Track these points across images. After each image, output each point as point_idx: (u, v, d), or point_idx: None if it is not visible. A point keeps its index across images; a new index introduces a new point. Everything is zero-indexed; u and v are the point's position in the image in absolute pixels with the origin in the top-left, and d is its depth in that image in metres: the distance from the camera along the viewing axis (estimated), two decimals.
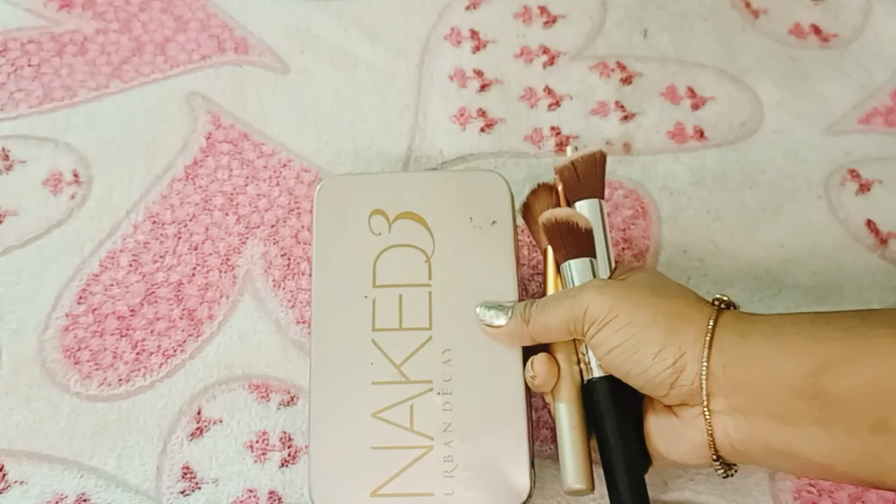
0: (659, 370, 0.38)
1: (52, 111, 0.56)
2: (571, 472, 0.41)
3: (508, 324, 0.42)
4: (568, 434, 0.41)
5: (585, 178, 0.45)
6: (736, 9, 0.62)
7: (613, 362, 0.39)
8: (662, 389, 0.38)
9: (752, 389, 0.36)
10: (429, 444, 0.42)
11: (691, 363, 0.37)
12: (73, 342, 0.48)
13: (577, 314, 0.40)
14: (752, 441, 0.37)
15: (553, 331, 0.41)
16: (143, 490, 0.44)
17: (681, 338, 0.38)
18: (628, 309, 0.39)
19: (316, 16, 0.60)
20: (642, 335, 0.38)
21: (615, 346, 0.39)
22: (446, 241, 0.46)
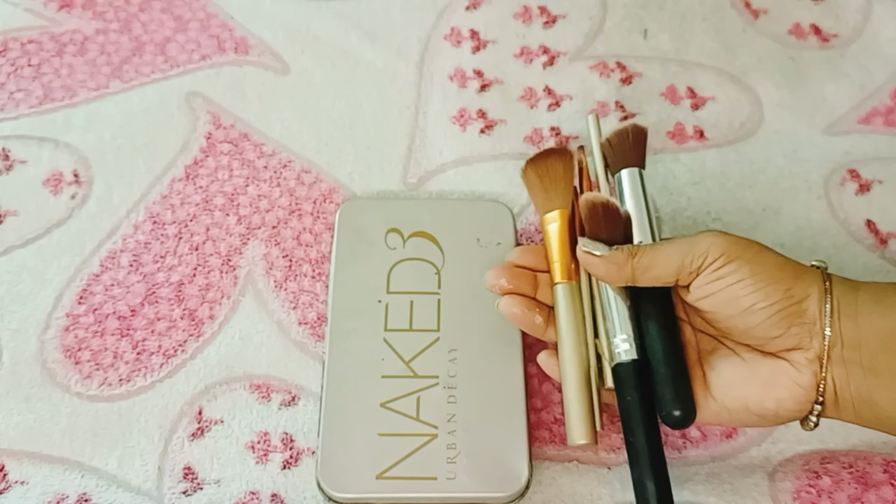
0: (785, 306, 0.39)
1: (52, 111, 0.56)
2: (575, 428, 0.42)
3: (612, 254, 0.42)
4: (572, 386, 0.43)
5: (621, 150, 0.47)
6: (736, 9, 0.62)
7: (732, 299, 0.39)
8: (779, 329, 0.39)
9: (871, 345, 0.38)
10: (433, 432, 0.44)
11: (813, 305, 0.39)
12: (73, 342, 0.48)
13: (697, 250, 0.40)
14: (849, 390, 0.39)
15: (659, 270, 0.41)
16: (144, 490, 0.45)
17: (805, 282, 0.39)
18: (755, 249, 0.40)
19: (316, 16, 0.60)
20: (773, 273, 0.39)
21: (741, 280, 0.39)
22: (455, 257, 0.50)
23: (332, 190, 0.53)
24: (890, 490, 0.45)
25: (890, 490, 0.45)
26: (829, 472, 0.45)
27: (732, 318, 0.40)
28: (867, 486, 0.45)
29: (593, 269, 0.43)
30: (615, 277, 0.43)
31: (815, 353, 0.39)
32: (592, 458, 0.46)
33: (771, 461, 0.46)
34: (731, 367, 0.41)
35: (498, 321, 0.47)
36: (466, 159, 0.55)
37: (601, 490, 0.45)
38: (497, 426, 0.44)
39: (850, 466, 0.46)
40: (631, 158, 0.47)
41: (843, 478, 0.45)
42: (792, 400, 0.40)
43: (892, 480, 0.45)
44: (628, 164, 0.47)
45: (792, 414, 0.40)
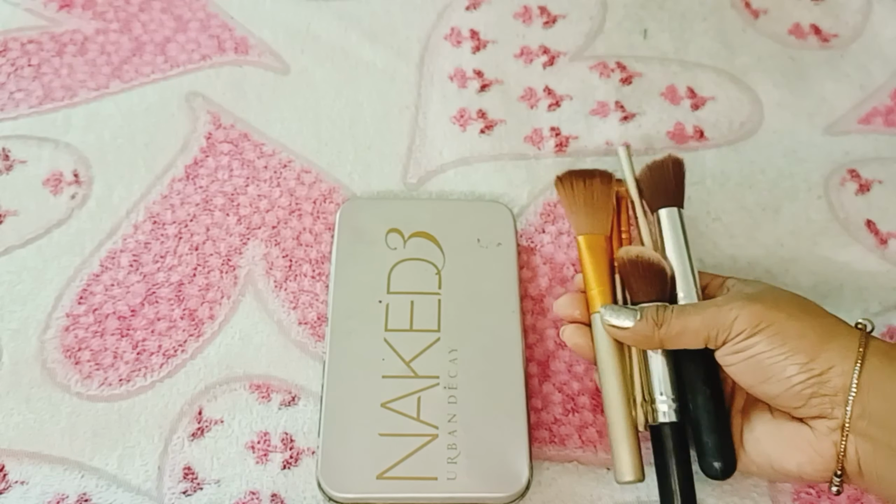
0: (802, 379, 0.39)
1: (52, 111, 0.56)
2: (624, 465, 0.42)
3: (637, 325, 0.42)
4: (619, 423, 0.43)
5: (660, 186, 0.46)
6: (736, 9, 0.62)
7: (754, 370, 0.40)
8: (799, 400, 0.39)
9: (887, 418, 0.38)
10: (434, 432, 0.44)
11: (837, 377, 0.38)
12: (73, 342, 0.48)
13: (723, 322, 0.40)
14: (872, 464, 0.38)
15: (688, 336, 0.41)
16: (144, 490, 0.44)
17: (831, 352, 0.39)
18: (780, 319, 0.39)
19: (316, 16, 0.60)
20: (793, 344, 0.39)
21: (761, 353, 0.39)
22: (456, 257, 0.50)
23: (332, 190, 0.53)
24: None
25: None
26: None
27: (754, 387, 0.40)
28: None
29: (617, 337, 0.44)
30: (643, 346, 0.43)
31: (838, 423, 0.39)
32: (592, 458, 0.46)
33: None
34: (762, 424, 0.41)
35: (498, 321, 0.47)
36: (466, 159, 0.55)
37: (601, 490, 0.45)
38: (497, 426, 0.44)
39: None
40: (670, 195, 0.46)
41: None
42: (810, 465, 0.40)
43: None
44: (667, 202, 0.46)
45: (813, 478, 0.40)
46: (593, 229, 0.47)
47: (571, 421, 0.47)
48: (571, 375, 0.48)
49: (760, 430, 0.41)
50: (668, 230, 0.46)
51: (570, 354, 0.49)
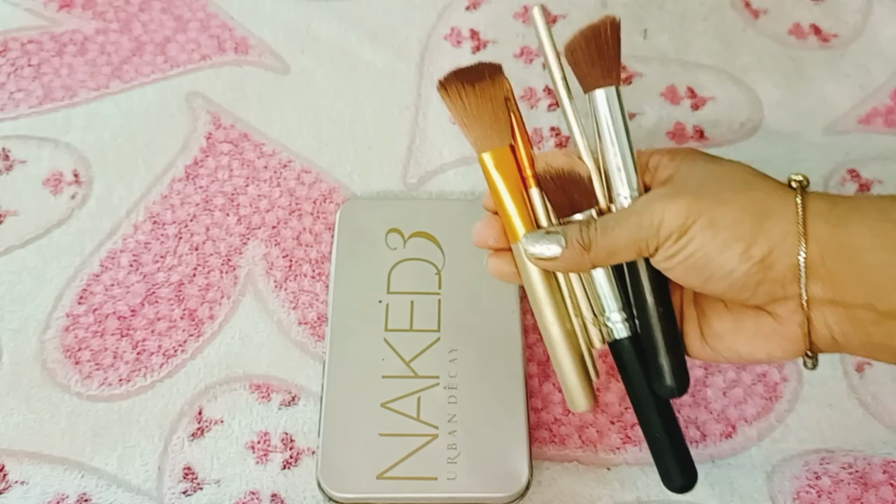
0: (745, 269, 0.36)
1: (52, 111, 0.56)
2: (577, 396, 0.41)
3: (565, 253, 0.38)
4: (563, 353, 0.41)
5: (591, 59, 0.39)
6: (736, 9, 0.62)
7: (693, 271, 0.37)
8: (747, 291, 0.36)
9: (856, 283, 0.35)
10: (434, 432, 0.44)
11: (782, 258, 0.35)
12: (73, 342, 0.48)
13: (649, 230, 0.37)
14: (853, 335, 0.36)
15: (619, 254, 0.38)
16: (144, 490, 0.45)
17: (769, 232, 0.35)
18: (707, 209, 0.36)
19: (316, 16, 0.60)
20: (726, 234, 0.36)
21: (695, 252, 0.36)
22: (456, 257, 0.50)
23: (332, 190, 0.53)
24: (889, 490, 0.45)
25: (889, 490, 0.45)
26: (828, 472, 0.45)
27: (698, 287, 0.38)
28: (867, 486, 0.45)
29: (546, 268, 0.40)
30: (574, 270, 0.40)
31: (796, 304, 0.36)
32: (592, 458, 0.46)
33: (770, 461, 0.46)
34: (719, 319, 0.39)
35: (498, 321, 0.48)
36: (466, 159, 0.55)
37: (601, 490, 0.45)
38: (497, 426, 0.45)
39: (849, 467, 0.46)
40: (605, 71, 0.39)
41: (843, 478, 0.45)
42: (780, 351, 0.37)
43: (891, 481, 0.45)
44: (603, 79, 0.39)
45: (785, 360, 0.38)
46: (497, 142, 0.40)
47: (571, 421, 0.47)
48: None
49: (719, 326, 0.39)
50: (606, 118, 0.39)
51: None
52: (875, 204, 0.36)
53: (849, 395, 0.48)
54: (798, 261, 0.35)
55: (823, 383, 0.48)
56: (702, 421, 0.47)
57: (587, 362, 0.41)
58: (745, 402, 0.47)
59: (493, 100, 0.40)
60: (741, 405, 0.47)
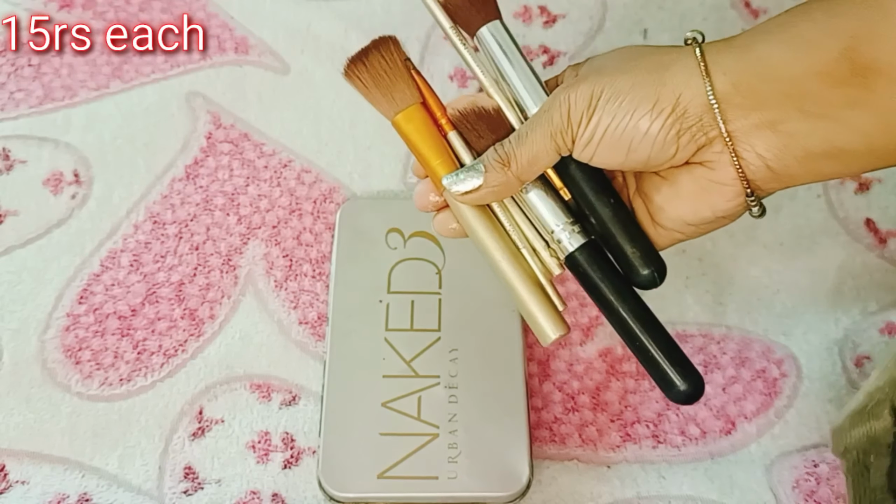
0: (659, 126, 0.35)
1: (52, 111, 0.56)
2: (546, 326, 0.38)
3: (487, 177, 0.37)
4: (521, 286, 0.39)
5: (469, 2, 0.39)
6: (736, 9, 0.62)
7: (611, 146, 0.36)
8: (670, 148, 0.35)
9: (776, 95, 0.34)
10: (434, 431, 0.44)
11: (692, 101, 0.34)
12: (73, 342, 0.48)
13: (560, 120, 0.36)
14: (787, 152, 0.34)
15: (541, 156, 0.37)
16: (144, 490, 0.45)
17: (671, 82, 0.35)
18: (607, 82, 0.35)
19: (316, 16, 0.60)
20: (630, 97, 0.35)
21: (608, 127, 0.35)
22: (456, 257, 0.50)
23: (332, 190, 0.53)
24: None
25: None
26: (825, 460, 0.46)
27: (626, 164, 0.37)
28: None
29: (479, 201, 0.39)
30: (506, 194, 0.38)
31: (721, 142, 0.35)
32: (592, 457, 0.46)
33: (770, 455, 0.46)
34: (657, 192, 0.38)
35: (498, 321, 0.47)
36: None
37: (601, 488, 0.45)
38: (498, 426, 0.45)
39: None
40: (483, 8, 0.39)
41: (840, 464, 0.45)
42: (722, 200, 0.36)
43: None
44: (484, 17, 0.39)
45: (733, 213, 0.37)
46: (403, 103, 0.40)
47: (571, 420, 0.47)
48: (571, 374, 0.48)
49: (659, 199, 0.38)
50: (499, 50, 0.39)
51: (570, 354, 0.49)
52: (773, 20, 0.35)
53: (848, 389, 0.48)
54: (708, 97, 0.34)
55: (822, 379, 0.48)
56: (701, 418, 0.47)
57: (549, 292, 0.39)
58: (744, 398, 0.47)
59: (389, 68, 0.41)
60: (740, 402, 0.47)
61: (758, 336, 0.50)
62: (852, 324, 0.50)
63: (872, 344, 0.49)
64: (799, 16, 0.35)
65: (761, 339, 0.50)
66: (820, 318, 0.51)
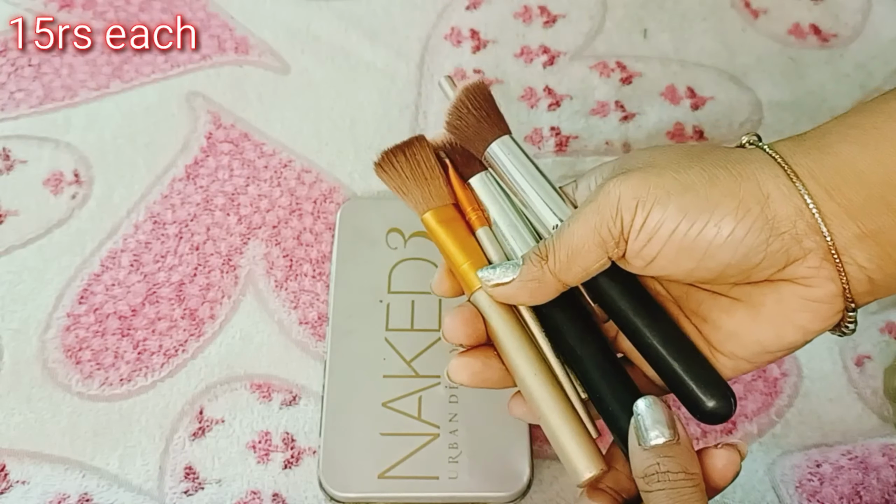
0: (746, 229, 0.30)
1: (52, 111, 0.56)
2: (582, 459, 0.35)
3: (523, 271, 0.33)
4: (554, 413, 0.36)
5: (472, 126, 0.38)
6: (736, 9, 0.62)
7: (682, 251, 0.31)
8: (755, 256, 0.30)
9: (872, 202, 0.30)
10: (435, 431, 0.44)
11: (781, 204, 0.30)
12: (74, 342, 0.48)
13: (607, 212, 0.31)
14: (890, 262, 0.31)
15: (582, 252, 0.32)
16: (145, 490, 0.45)
17: (753, 180, 0.30)
18: (671, 175, 0.31)
19: (316, 16, 0.60)
20: (706, 193, 0.30)
21: (676, 225, 0.30)
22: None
23: (332, 190, 0.53)
24: (891, 472, 0.45)
25: (891, 472, 0.45)
26: (828, 459, 0.46)
27: (694, 272, 0.32)
28: (867, 469, 0.45)
29: (511, 299, 0.35)
30: (542, 296, 0.34)
31: (819, 254, 0.31)
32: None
33: (771, 455, 0.46)
34: (727, 314, 0.33)
35: None
36: None
37: None
38: (498, 425, 0.45)
39: (848, 453, 0.46)
40: (491, 128, 0.38)
41: (843, 464, 0.45)
42: (818, 320, 0.32)
43: (891, 463, 0.45)
44: (492, 135, 0.38)
45: (822, 332, 0.33)
46: (436, 202, 0.39)
47: None
48: None
49: (731, 323, 0.33)
50: (509, 161, 0.37)
51: None
52: (847, 122, 0.32)
53: (848, 389, 0.48)
54: (805, 202, 0.30)
55: (823, 378, 0.48)
56: None
57: (583, 417, 0.36)
58: (744, 397, 0.47)
59: (422, 165, 0.40)
60: (741, 401, 0.47)
61: None
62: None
63: (873, 343, 0.49)
64: (875, 115, 0.32)
65: None
66: None
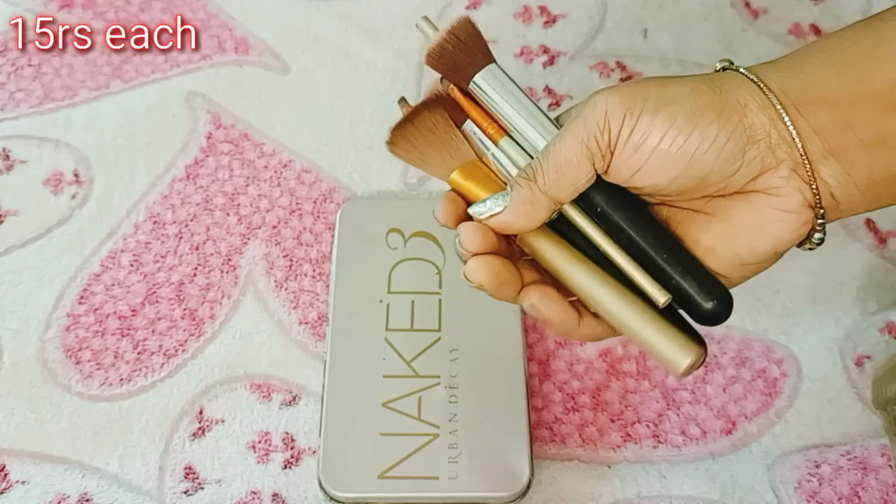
0: (727, 135, 0.32)
1: (52, 111, 0.56)
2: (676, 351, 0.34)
3: (514, 197, 0.34)
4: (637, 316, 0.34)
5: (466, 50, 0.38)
6: (736, 9, 0.62)
7: (668, 160, 0.32)
8: (734, 163, 0.32)
9: (836, 121, 0.32)
10: (435, 431, 0.44)
11: (757, 114, 0.32)
12: (74, 342, 0.48)
13: (594, 123, 0.32)
14: (850, 181, 0.33)
15: (570, 167, 0.33)
16: (145, 490, 0.45)
17: (731, 94, 0.32)
18: (654, 88, 0.32)
19: (316, 16, 0.60)
20: (690, 105, 0.32)
21: (663, 134, 0.32)
22: (456, 257, 0.47)
23: (332, 190, 0.54)
24: (889, 473, 0.45)
25: (889, 473, 0.45)
26: (828, 460, 0.46)
27: (678, 179, 0.33)
28: (866, 470, 0.45)
29: (508, 227, 0.35)
30: (537, 216, 0.34)
31: (789, 165, 0.32)
32: (593, 456, 0.46)
33: (770, 455, 0.46)
34: (703, 230, 0.34)
35: (499, 321, 0.48)
36: None
37: (602, 488, 0.45)
38: (498, 426, 0.45)
39: (848, 454, 0.46)
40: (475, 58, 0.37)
41: (843, 465, 0.45)
42: (788, 230, 0.33)
43: (890, 463, 0.45)
44: (484, 61, 0.37)
45: (794, 242, 0.34)
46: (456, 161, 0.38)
47: (572, 420, 0.47)
48: (572, 374, 0.48)
49: (708, 238, 0.34)
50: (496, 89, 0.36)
51: (570, 353, 0.49)
52: (817, 47, 0.33)
53: (848, 389, 0.48)
54: (778, 113, 0.32)
55: (823, 378, 0.48)
56: (702, 418, 0.47)
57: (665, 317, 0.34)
58: (744, 398, 0.48)
59: (434, 128, 0.38)
60: (741, 401, 0.47)
61: (758, 336, 0.50)
62: (852, 323, 0.50)
63: (872, 343, 0.49)
64: (843, 41, 0.33)
65: (761, 339, 0.50)
66: (820, 317, 0.51)
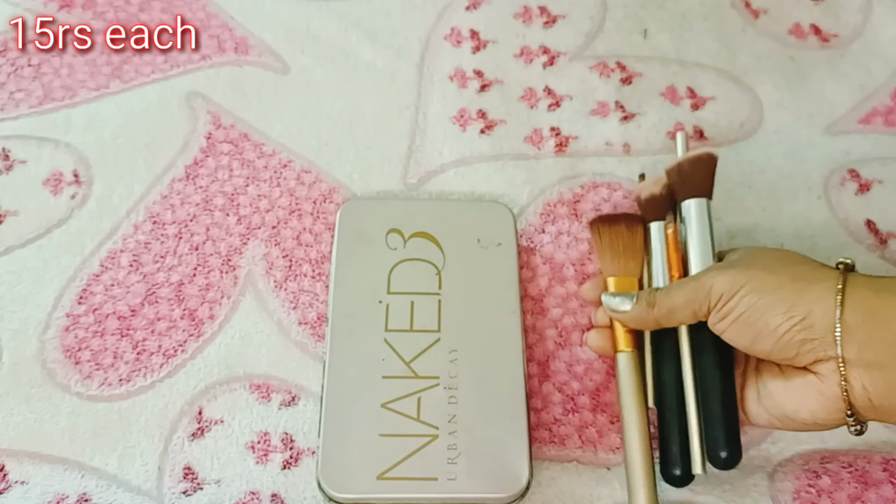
0: (787, 328, 0.40)
1: (52, 111, 0.56)
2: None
3: (634, 308, 0.45)
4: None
5: (691, 178, 0.48)
6: (736, 9, 0.62)
7: (740, 330, 0.41)
8: (791, 349, 0.40)
9: (888, 346, 0.38)
10: (434, 432, 0.44)
11: (821, 318, 0.39)
12: (73, 342, 0.48)
13: (701, 293, 0.42)
14: (886, 396, 0.39)
15: (677, 312, 0.44)
16: (144, 490, 0.45)
17: (809, 296, 0.40)
18: (755, 276, 0.41)
19: (316, 16, 0.60)
20: (770, 297, 0.40)
21: (742, 313, 0.41)
22: (456, 258, 0.50)
23: (332, 190, 0.53)
24: (890, 489, 0.45)
25: (890, 489, 0.45)
26: (828, 471, 0.46)
27: (750, 348, 0.42)
28: (867, 485, 0.45)
29: (622, 322, 0.46)
30: (644, 326, 0.46)
31: (835, 365, 0.39)
32: (592, 458, 0.46)
33: (771, 461, 0.46)
34: (773, 379, 0.43)
35: (498, 321, 0.47)
36: (466, 159, 0.55)
37: (601, 490, 0.45)
38: (497, 427, 0.45)
39: (849, 466, 0.46)
40: (702, 187, 0.48)
41: (843, 477, 0.45)
42: (822, 411, 0.40)
43: (891, 479, 0.45)
44: (698, 192, 0.48)
45: (828, 423, 0.41)
46: (620, 272, 0.48)
47: (571, 421, 0.47)
48: (571, 375, 0.48)
49: (772, 385, 0.42)
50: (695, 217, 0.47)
51: (570, 354, 0.49)
52: None
53: None
54: (834, 321, 0.39)
55: None
56: None
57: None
58: None
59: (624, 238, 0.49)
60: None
61: None
62: None
63: None
64: None
65: None
66: None
